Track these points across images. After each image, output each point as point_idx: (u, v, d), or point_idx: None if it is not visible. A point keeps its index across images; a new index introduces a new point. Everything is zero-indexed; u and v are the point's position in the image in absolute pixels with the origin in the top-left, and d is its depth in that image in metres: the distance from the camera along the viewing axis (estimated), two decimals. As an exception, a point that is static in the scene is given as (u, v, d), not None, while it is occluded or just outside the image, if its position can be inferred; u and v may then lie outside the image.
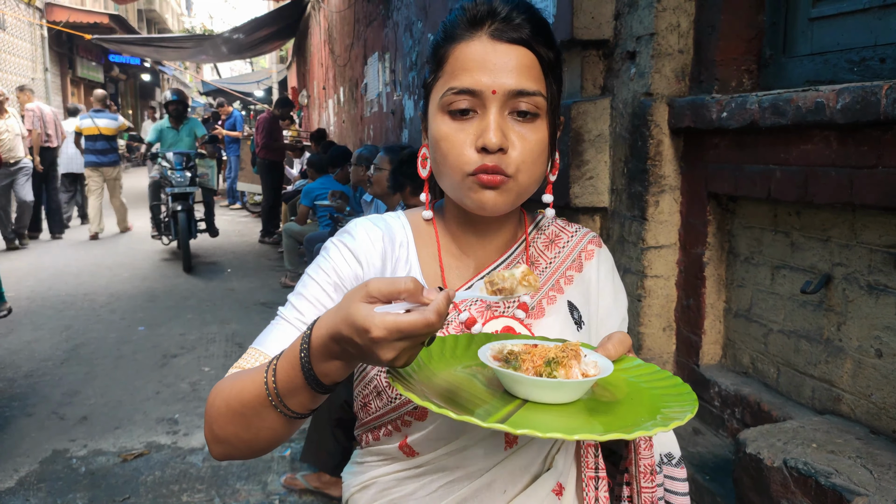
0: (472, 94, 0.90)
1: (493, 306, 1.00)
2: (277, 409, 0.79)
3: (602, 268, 1.11)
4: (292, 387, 0.77)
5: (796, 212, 1.98)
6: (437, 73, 0.96)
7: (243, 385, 0.83)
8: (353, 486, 1.02)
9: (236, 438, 0.85)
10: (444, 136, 0.93)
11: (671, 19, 2.34)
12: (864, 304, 1.76)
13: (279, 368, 0.78)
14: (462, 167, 0.91)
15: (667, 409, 0.77)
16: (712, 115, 2.13)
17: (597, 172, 2.69)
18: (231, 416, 0.84)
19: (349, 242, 1.00)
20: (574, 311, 1.05)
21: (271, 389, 0.79)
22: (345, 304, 0.70)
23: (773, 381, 2.12)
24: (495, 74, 0.89)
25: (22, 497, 2.96)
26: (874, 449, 1.64)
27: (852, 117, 1.64)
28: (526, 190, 0.95)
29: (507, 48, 0.90)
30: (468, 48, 0.91)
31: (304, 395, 0.78)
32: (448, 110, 0.92)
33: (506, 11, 0.91)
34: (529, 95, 0.90)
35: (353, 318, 0.68)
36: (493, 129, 0.88)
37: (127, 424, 3.70)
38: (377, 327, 0.67)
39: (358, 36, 9.55)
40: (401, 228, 1.04)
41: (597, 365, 0.82)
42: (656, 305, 2.49)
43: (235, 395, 0.84)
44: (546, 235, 1.10)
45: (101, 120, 9.53)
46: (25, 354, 4.81)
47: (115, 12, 18.96)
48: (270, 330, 0.95)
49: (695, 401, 0.78)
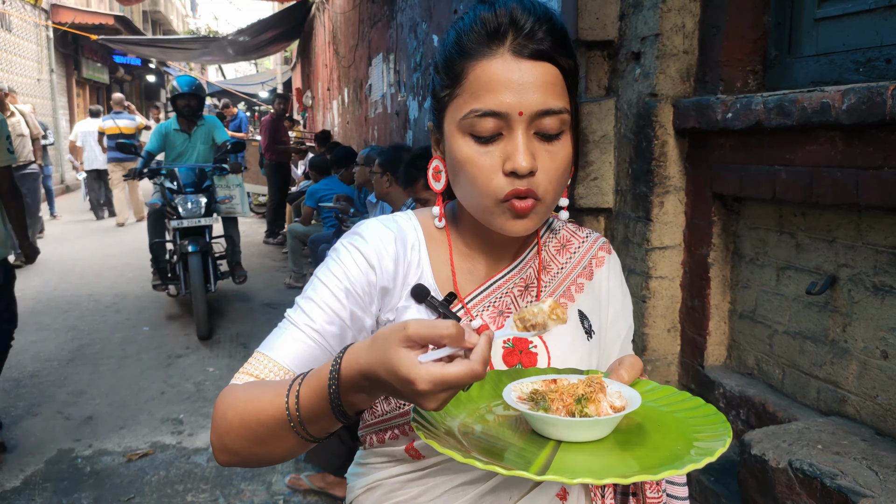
0: (497, 117, 0.87)
1: (506, 313, 1.00)
2: (298, 433, 0.78)
3: (612, 274, 1.11)
4: (316, 414, 0.77)
5: (802, 213, 1.98)
6: (454, 89, 0.91)
7: (261, 404, 0.81)
8: (359, 488, 1.02)
9: (248, 452, 0.84)
10: (468, 159, 0.89)
11: (676, 20, 2.34)
12: (870, 305, 1.76)
13: (302, 395, 0.77)
14: (492, 193, 0.89)
15: (700, 436, 0.76)
16: (717, 116, 2.12)
17: (601, 173, 2.68)
18: (246, 432, 0.83)
19: (361, 246, 0.97)
20: (584, 319, 1.05)
21: (293, 414, 0.78)
22: (381, 346, 0.69)
23: (778, 382, 2.11)
24: (521, 94, 0.86)
25: (27, 496, 2.97)
26: (880, 450, 1.63)
27: (858, 118, 1.63)
28: (552, 207, 0.94)
29: (531, 65, 0.87)
30: (490, 67, 0.87)
31: (326, 422, 0.77)
32: (471, 133, 0.89)
33: (529, 25, 0.87)
34: (555, 114, 0.87)
35: (395, 366, 0.67)
36: (524, 153, 0.86)
37: (132, 424, 3.71)
38: (423, 381, 0.65)
39: (362, 37, 9.56)
40: (412, 230, 1.02)
41: (621, 395, 0.82)
42: (661, 306, 2.49)
43: (252, 413, 0.82)
44: (557, 240, 1.09)
45: (121, 120, 10.73)
46: (31, 354, 4.83)
47: (120, 13, 19.01)
48: (279, 334, 0.93)
49: (726, 423, 0.77)
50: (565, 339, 1.00)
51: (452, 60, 0.91)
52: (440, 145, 0.98)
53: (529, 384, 0.85)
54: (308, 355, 0.91)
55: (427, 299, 0.96)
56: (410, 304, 0.96)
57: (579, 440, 0.77)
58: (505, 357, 0.97)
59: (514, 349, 0.98)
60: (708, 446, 0.73)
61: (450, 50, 0.93)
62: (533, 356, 0.98)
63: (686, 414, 0.82)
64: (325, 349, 0.92)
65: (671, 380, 2.52)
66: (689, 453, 0.72)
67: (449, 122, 0.92)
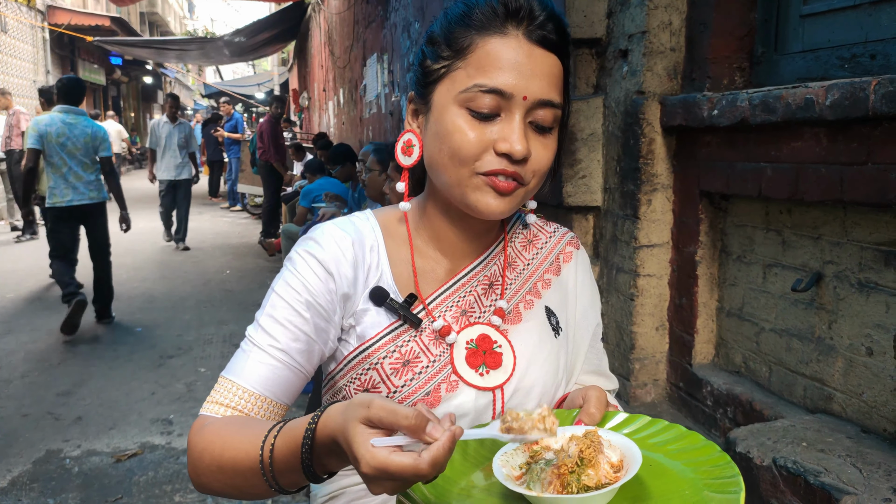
0: (502, 96, 0.86)
1: (469, 312, 0.97)
2: (270, 485, 0.79)
3: (580, 270, 1.09)
4: (288, 469, 0.76)
5: (787, 210, 1.97)
6: (456, 61, 0.89)
7: (236, 453, 0.81)
8: (322, 496, 1.00)
9: (223, 491, 0.85)
10: (458, 129, 0.87)
11: (663, 17, 2.33)
12: (855, 302, 1.75)
13: (277, 449, 0.76)
14: (473, 164, 0.87)
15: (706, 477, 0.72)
16: (703, 113, 2.12)
17: (590, 171, 2.68)
18: (222, 476, 0.83)
19: (317, 253, 0.93)
20: (552, 316, 1.02)
21: (266, 467, 0.77)
22: (348, 415, 0.68)
23: (765, 380, 2.10)
24: (528, 79, 0.85)
25: (14, 497, 2.95)
26: (864, 448, 1.62)
27: (842, 113, 1.63)
28: (530, 196, 0.94)
29: (543, 54, 0.87)
30: (504, 44, 0.86)
31: (298, 477, 0.77)
32: (468, 107, 0.87)
33: (544, 16, 0.87)
34: (553, 107, 0.88)
35: (349, 441, 0.66)
36: (521, 138, 0.85)
37: (121, 425, 3.69)
38: (366, 463, 0.64)
39: (357, 37, 9.56)
40: (370, 231, 0.99)
41: (612, 444, 0.78)
42: (649, 304, 2.48)
43: (228, 461, 0.82)
44: (524, 235, 1.07)
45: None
46: (22, 355, 4.81)
47: (116, 15, 19.01)
48: (243, 358, 0.90)
49: (737, 475, 0.72)
50: (531, 338, 0.98)
51: (458, 33, 0.89)
52: (418, 117, 0.95)
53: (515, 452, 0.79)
54: (275, 376, 0.89)
55: (386, 302, 0.94)
56: (369, 307, 0.94)
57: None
58: (468, 358, 0.94)
59: (477, 349, 0.95)
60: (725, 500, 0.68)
61: (456, 22, 0.90)
62: (497, 356, 0.95)
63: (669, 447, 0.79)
64: (292, 368, 0.90)
65: (659, 378, 2.51)
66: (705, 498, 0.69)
67: (442, 94, 0.90)
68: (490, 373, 0.94)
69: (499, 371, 0.95)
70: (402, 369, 0.92)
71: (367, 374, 0.92)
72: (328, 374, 0.98)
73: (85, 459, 3.29)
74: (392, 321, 0.94)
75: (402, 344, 0.93)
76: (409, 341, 0.93)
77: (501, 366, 0.95)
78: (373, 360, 0.92)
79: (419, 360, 0.93)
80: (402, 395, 0.91)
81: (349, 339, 0.95)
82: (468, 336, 0.95)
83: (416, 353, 0.93)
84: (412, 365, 0.92)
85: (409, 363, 0.92)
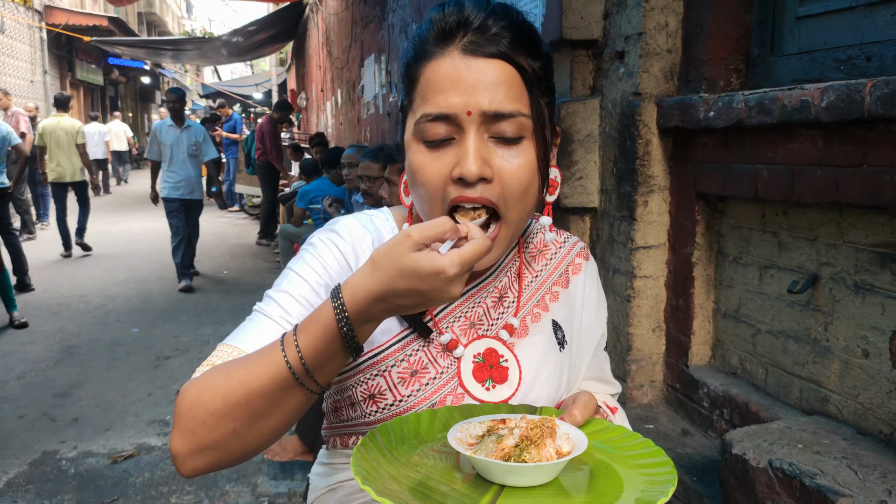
0: (447, 120, 0.81)
1: (477, 325, 0.96)
2: (304, 385, 0.74)
3: (588, 281, 1.07)
4: (326, 356, 0.73)
5: (783, 211, 1.97)
6: (411, 95, 0.87)
7: (249, 374, 0.74)
8: (321, 489, 1.00)
9: (233, 436, 0.75)
10: (419, 167, 0.84)
11: (659, 19, 2.33)
12: (851, 303, 1.75)
13: (304, 344, 0.73)
14: (440, 202, 0.84)
15: (645, 483, 0.74)
16: (700, 115, 2.12)
17: (586, 173, 2.68)
18: (233, 411, 0.74)
19: (339, 242, 0.93)
20: (558, 330, 1.01)
21: (297, 367, 0.73)
22: (389, 263, 0.68)
23: (761, 381, 2.10)
24: (469, 94, 0.80)
25: (10, 499, 2.94)
26: (860, 449, 1.62)
27: (837, 115, 1.63)
28: (520, 226, 0.87)
29: (482, 63, 0.81)
30: (438, 67, 0.82)
31: (337, 362, 0.74)
32: (423, 139, 0.84)
33: (480, 20, 0.82)
34: (509, 117, 0.81)
35: (416, 269, 0.67)
36: (472, 157, 0.80)
37: (118, 426, 3.69)
38: (452, 264, 0.67)
39: (355, 38, 9.55)
40: (389, 233, 0.98)
41: (569, 438, 0.79)
42: (646, 306, 2.48)
43: (240, 386, 0.74)
44: (534, 244, 1.05)
45: None
46: (19, 356, 4.80)
47: (114, 15, 18.99)
48: (251, 327, 0.87)
49: (672, 471, 0.75)
50: (537, 352, 0.97)
51: (409, 66, 0.88)
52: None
53: (479, 424, 0.82)
54: None
55: None
56: None
57: (521, 485, 0.74)
58: (475, 372, 0.94)
59: (484, 364, 0.94)
60: (651, 497, 0.70)
61: (407, 55, 0.89)
62: (504, 371, 0.95)
63: (635, 459, 0.80)
64: None
65: (656, 379, 2.51)
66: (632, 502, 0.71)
67: (408, 132, 0.88)
68: (496, 387, 0.94)
69: (504, 386, 0.94)
70: (409, 379, 0.91)
71: (374, 380, 0.92)
72: None
73: (81, 461, 3.29)
74: (402, 329, 0.93)
75: (412, 353, 0.92)
76: (418, 350, 0.93)
77: (507, 380, 0.95)
78: (381, 368, 0.92)
79: (427, 370, 0.92)
80: (408, 405, 0.91)
81: None
82: (476, 350, 0.94)
83: (424, 364, 0.92)
84: (420, 375, 0.92)
85: (416, 373, 0.92)
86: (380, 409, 0.91)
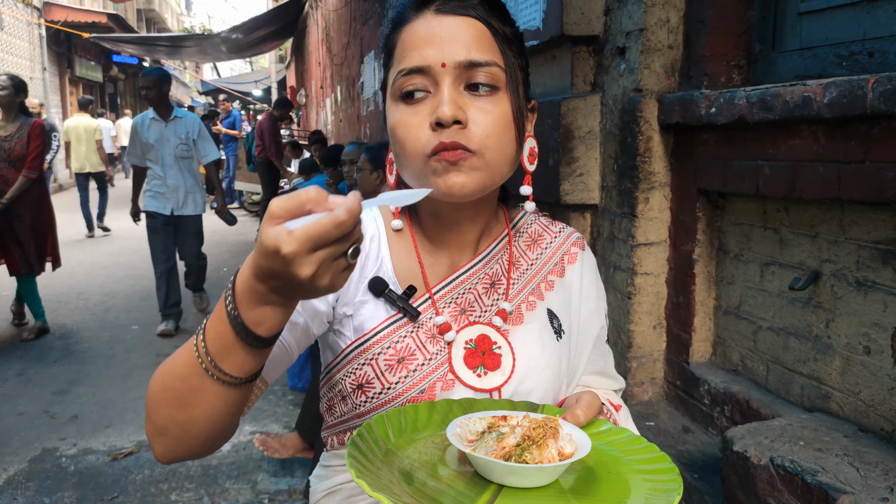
0: (422, 73, 0.85)
1: (468, 311, 0.95)
2: (212, 375, 0.71)
3: (585, 271, 1.06)
4: (224, 344, 0.70)
5: (785, 208, 1.97)
6: (389, 63, 0.91)
7: (176, 358, 0.75)
8: (320, 492, 0.99)
9: (171, 422, 0.76)
10: (398, 122, 0.88)
11: (660, 14, 2.32)
12: (853, 300, 1.74)
13: (208, 328, 0.71)
14: (421, 151, 0.86)
15: (650, 489, 0.73)
16: (701, 111, 2.11)
17: (587, 169, 2.67)
18: (164, 394, 0.75)
19: None
20: (554, 319, 1.00)
21: (202, 353, 0.71)
22: (259, 236, 0.64)
23: (762, 378, 2.10)
24: (443, 47, 0.85)
25: (10, 496, 2.94)
26: (861, 447, 1.62)
27: (839, 112, 1.62)
28: (496, 170, 0.88)
29: (455, 20, 0.86)
30: (413, 28, 0.87)
31: (238, 352, 0.70)
32: (401, 95, 0.88)
33: None
34: (483, 66, 0.85)
35: (265, 244, 0.62)
36: (447, 102, 0.83)
37: (118, 423, 3.68)
38: (286, 242, 0.60)
39: (354, 34, 9.53)
40: (372, 221, 0.99)
41: (572, 439, 0.78)
42: (646, 303, 2.47)
43: (168, 371, 0.76)
44: (528, 234, 1.05)
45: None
46: (18, 353, 4.80)
47: (113, 11, 18.97)
48: None
49: (678, 478, 0.73)
50: (532, 340, 0.96)
51: (389, 38, 0.92)
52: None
53: (479, 420, 0.80)
54: None
55: (385, 293, 0.92)
56: (368, 299, 0.93)
57: (521, 486, 0.73)
58: (466, 358, 0.93)
59: (476, 350, 0.93)
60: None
61: (387, 30, 0.93)
62: (496, 358, 0.94)
63: (638, 464, 0.78)
64: (280, 346, 0.87)
65: (657, 376, 2.51)
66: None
67: (388, 97, 0.91)
68: (488, 374, 0.93)
69: (497, 373, 0.93)
70: (396, 366, 0.91)
71: (362, 370, 0.91)
72: (326, 367, 0.97)
73: (81, 458, 3.28)
74: (391, 314, 0.93)
75: (399, 339, 0.92)
76: (406, 337, 0.92)
77: (500, 367, 0.93)
78: (368, 356, 0.91)
79: (414, 357, 0.91)
80: (396, 392, 0.90)
81: (346, 330, 0.93)
82: (467, 336, 0.94)
83: (411, 350, 0.91)
84: (407, 362, 0.91)
85: (403, 360, 0.91)
86: (368, 398, 0.90)
